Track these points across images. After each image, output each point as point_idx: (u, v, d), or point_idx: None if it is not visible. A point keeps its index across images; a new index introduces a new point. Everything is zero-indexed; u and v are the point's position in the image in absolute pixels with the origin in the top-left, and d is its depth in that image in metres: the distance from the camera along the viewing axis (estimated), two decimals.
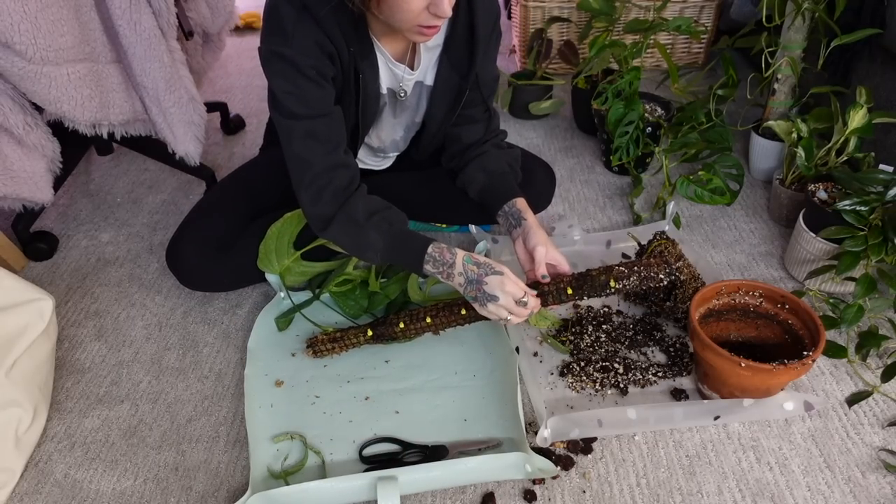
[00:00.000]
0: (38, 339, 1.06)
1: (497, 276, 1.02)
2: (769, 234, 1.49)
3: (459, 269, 1.03)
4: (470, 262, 1.03)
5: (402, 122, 1.25)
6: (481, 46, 1.11)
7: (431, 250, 1.05)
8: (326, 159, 1.05)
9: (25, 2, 1.16)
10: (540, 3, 2.08)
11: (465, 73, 1.14)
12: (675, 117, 1.64)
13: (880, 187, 1.19)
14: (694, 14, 2.12)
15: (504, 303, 1.01)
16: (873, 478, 0.99)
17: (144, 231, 1.56)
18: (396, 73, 1.13)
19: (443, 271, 1.05)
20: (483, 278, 1.02)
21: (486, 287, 1.02)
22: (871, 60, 1.48)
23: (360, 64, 1.06)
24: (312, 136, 1.04)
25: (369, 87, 1.10)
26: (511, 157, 1.27)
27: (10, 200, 1.34)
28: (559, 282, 1.08)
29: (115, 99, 1.39)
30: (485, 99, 1.20)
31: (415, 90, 1.18)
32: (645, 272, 1.07)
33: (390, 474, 0.94)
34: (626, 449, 1.04)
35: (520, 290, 1.02)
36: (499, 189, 1.21)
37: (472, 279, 1.03)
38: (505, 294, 1.01)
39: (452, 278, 1.04)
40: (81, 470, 1.04)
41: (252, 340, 1.22)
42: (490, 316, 1.04)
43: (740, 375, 1.01)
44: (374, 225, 1.07)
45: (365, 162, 1.37)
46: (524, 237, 1.13)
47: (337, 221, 1.07)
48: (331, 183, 1.06)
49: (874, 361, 1.18)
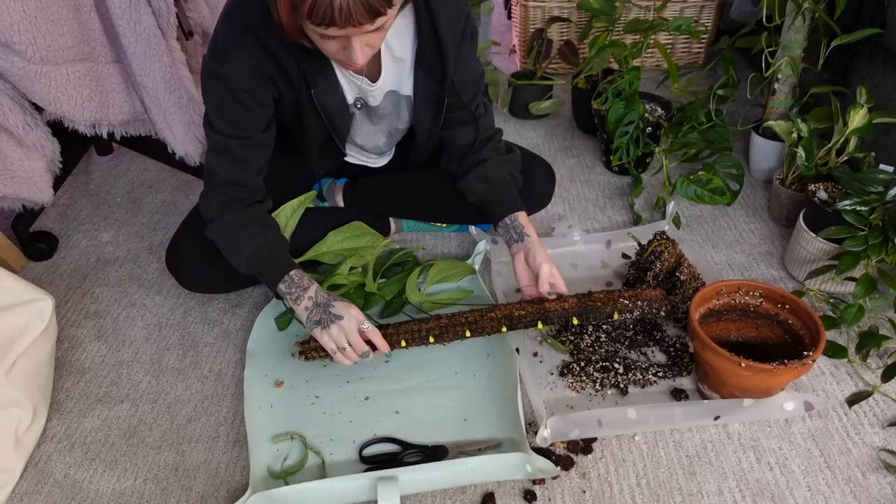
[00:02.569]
0: (37, 339, 1.06)
1: (345, 303, 1.06)
2: (769, 234, 1.49)
3: (311, 294, 1.07)
4: (322, 291, 1.08)
5: (383, 128, 1.25)
6: (451, 53, 1.10)
7: (294, 274, 1.09)
8: (230, 176, 1.11)
9: (25, 2, 1.16)
10: (540, 3, 2.08)
11: (440, 81, 1.14)
12: (675, 117, 1.64)
13: (880, 187, 1.19)
14: (694, 14, 2.12)
15: (346, 325, 1.03)
16: (873, 478, 0.99)
17: (144, 231, 1.56)
18: (356, 84, 1.13)
19: (294, 292, 1.08)
20: (331, 301, 1.06)
21: (333, 309, 1.04)
22: (872, 60, 1.48)
23: (314, 79, 1.07)
24: (224, 152, 1.09)
25: (328, 99, 1.11)
26: (512, 163, 1.26)
27: (9, 200, 1.34)
28: (564, 309, 1.09)
29: (115, 99, 1.39)
30: (465, 103, 1.19)
31: (389, 99, 1.18)
32: (647, 307, 1.09)
33: (390, 474, 0.94)
34: (626, 449, 1.04)
35: (363, 316, 1.06)
36: (500, 200, 1.21)
37: (320, 302, 1.06)
38: (350, 317, 1.04)
39: (301, 301, 1.07)
40: (81, 470, 1.04)
41: (252, 341, 1.22)
42: (327, 344, 1.04)
43: (740, 375, 1.01)
44: (249, 234, 1.11)
45: (358, 158, 1.37)
46: (526, 254, 1.14)
47: (218, 221, 1.12)
48: (226, 193, 1.12)
49: (874, 361, 1.17)
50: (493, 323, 1.10)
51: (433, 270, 1.30)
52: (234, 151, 1.09)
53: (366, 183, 1.42)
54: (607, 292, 1.11)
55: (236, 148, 1.09)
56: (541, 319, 1.09)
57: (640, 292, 1.10)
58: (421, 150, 1.29)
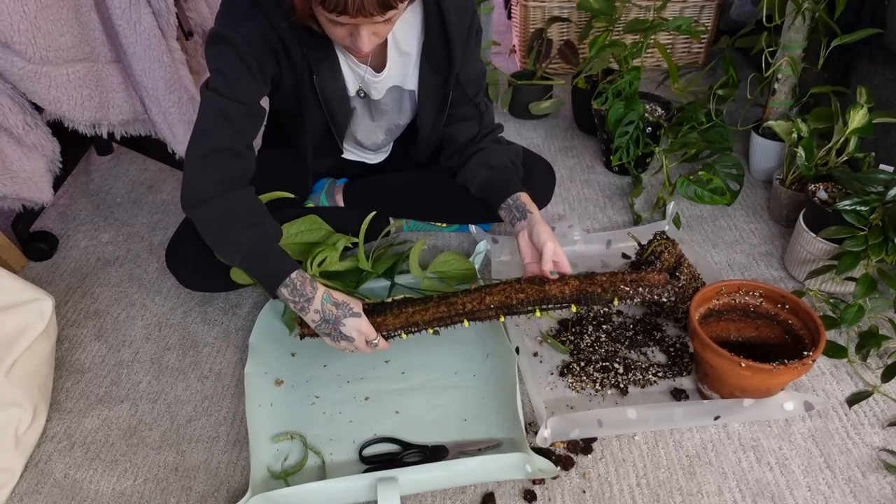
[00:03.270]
0: (37, 339, 1.06)
1: (355, 319, 1.04)
2: (769, 234, 1.49)
3: (317, 307, 1.02)
4: (329, 301, 1.03)
5: (382, 125, 1.25)
6: (458, 47, 1.11)
7: (295, 276, 1.02)
8: (229, 141, 1.03)
9: (25, 2, 1.16)
10: (540, 3, 2.08)
11: (446, 76, 1.15)
12: (675, 117, 1.64)
13: (880, 187, 1.19)
14: (694, 14, 2.12)
15: (357, 344, 1.04)
16: (874, 478, 0.99)
17: (144, 231, 1.56)
18: (359, 74, 1.13)
19: (298, 302, 1.02)
20: (341, 320, 1.03)
21: (343, 328, 1.03)
22: (872, 60, 1.48)
23: (318, 65, 1.07)
24: (225, 115, 1.02)
25: (329, 87, 1.10)
26: (512, 152, 1.27)
27: (9, 200, 1.34)
28: (563, 294, 1.05)
29: (115, 99, 1.39)
30: (471, 98, 1.20)
31: (391, 94, 1.18)
32: (648, 293, 1.04)
33: (391, 475, 0.94)
34: (626, 449, 1.04)
35: (372, 332, 1.05)
36: (501, 183, 1.21)
37: (328, 318, 1.03)
38: (360, 335, 1.04)
39: (307, 313, 1.03)
40: (81, 470, 1.04)
41: (253, 336, 1.22)
42: (336, 347, 1.06)
43: (740, 375, 1.01)
44: (250, 226, 1.04)
45: (355, 154, 1.37)
46: (530, 231, 1.13)
47: (214, 205, 1.03)
48: (224, 165, 1.04)
49: (874, 361, 1.17)
50: (491, 311, 1.06)
51: (439, 258, 1.28)
52: (236, 116, 1.03)
53: (366, 183, 1.42)
54: (610, 274, 1.06)
55: (238, 112, 1.03)
56: (539, 304, 1.05)
57: (642, 276, 1.06)
58: (423, 147, 1.29)
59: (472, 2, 1.13)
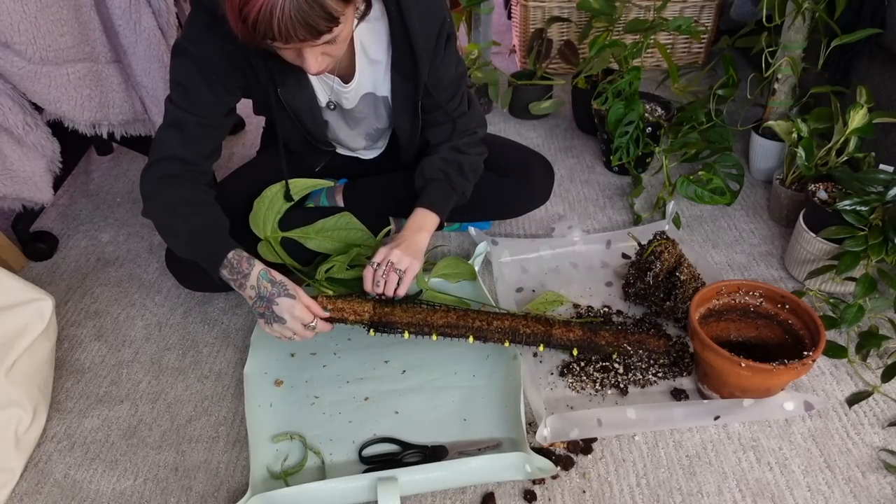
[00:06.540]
0: (37, 339, 1.06)
1: (288, 300, 1.02)
2: (769, 234, 1.49)
3: (252, 283, 1.02)
4: (265, 277, 1.02)
5: (361, 131, 1.26)
6: (423, 57, 1.09)
7: (231, 256, 1.03)
8: (178, 150, 1.07)
9: (25, 2, 1.16)
10: (540, 3, 2.08)
11: (415, 84, 1.14)
12: (675, 117, 1.64)
13: (880, 187, 1.19)
14: (694, 14, 2.12)
15: (290, 325, 1.02)
16: (873, 478, 0.99)
17: (144, 231, 1.56)
18: (329, 84, 1.13)
19: (237, 279, 1.03)
20: (274, 298, 1.02)
21: (276, 308, 1.02)
22: (871, 60, 1.48)
23: (283, 79, 1.07)
24: (178, 126, 1.07)
25: (296, 100, 1.11)
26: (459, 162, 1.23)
27: (9, 200, 1.34)
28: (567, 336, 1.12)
29: (115, 99, 1.39)
30: (441, 104, 1.18)
31: (365, 101, 1.18)
32: (647, 356, 1.15)
33: (391, 475, 0.94)
34: (626, 449, 1.04)
35: (309, 315, 1.03)
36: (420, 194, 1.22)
37: (263, 295, 1.02)
38: (293, 318, 1.02)
39: (245, 289, 1.03)
40: (81, 470, 1.04)
41: (253, 336, 1.22)
42: (272, 334, 1.04)
43: (740, 375, 1.01)
44: (185, 214, 1.06)
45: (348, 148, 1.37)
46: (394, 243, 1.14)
47: (153, 199, 1.07)
48: (167, 169, 1.07)
49: (874, 361, 1.17)
50: (498, 334, 1.12)
51: (439, 264, 1.31)
52: (189, 127, 1.07)
53: (365, 183, 1.42)
54: (615, 331, 1.14)
55: (192, 125, 1.07)
56: (543, 342, 1.13)
57: (644, 339, 1.14)
58: (406, 150, 1.30)
59: (442, 9, 1.10)
